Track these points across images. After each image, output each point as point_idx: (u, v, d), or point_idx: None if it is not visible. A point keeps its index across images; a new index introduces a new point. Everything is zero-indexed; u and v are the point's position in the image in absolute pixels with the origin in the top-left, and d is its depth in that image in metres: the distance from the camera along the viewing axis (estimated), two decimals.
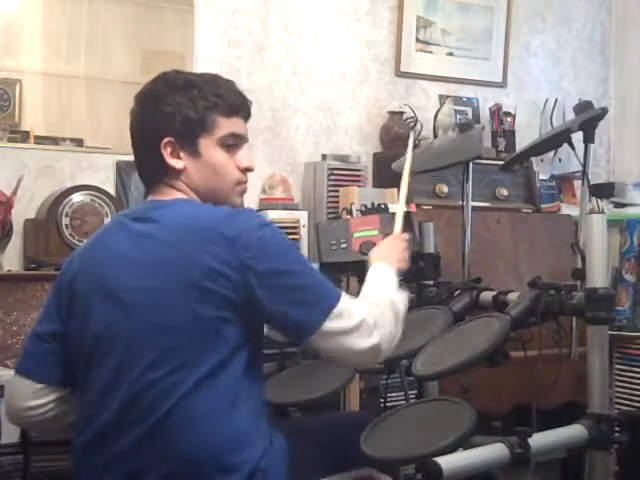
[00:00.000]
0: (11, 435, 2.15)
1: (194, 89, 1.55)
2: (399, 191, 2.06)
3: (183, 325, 1.42)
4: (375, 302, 1.55)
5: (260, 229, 1.46)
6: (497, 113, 3.56)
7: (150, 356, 1.43)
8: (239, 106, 1.59)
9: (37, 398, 1.59)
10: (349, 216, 2.85)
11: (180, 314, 1.43)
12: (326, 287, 1.49)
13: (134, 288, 1.47)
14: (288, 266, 1.46)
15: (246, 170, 1.61)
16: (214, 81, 1.59)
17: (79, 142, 2.87)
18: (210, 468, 1.42)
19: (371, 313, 1.49)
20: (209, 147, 1.55)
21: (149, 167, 1.58)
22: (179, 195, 1.56)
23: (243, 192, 1.63)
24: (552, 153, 3.58)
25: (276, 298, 1.44)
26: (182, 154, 1.54)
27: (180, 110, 1.53)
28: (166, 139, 1.53)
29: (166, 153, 1.53)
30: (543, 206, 3.45)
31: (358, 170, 3.13)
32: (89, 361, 1.51)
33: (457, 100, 3.56)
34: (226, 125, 1.56)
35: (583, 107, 2.24)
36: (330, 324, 1.45)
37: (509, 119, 3.55)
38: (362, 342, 1.46)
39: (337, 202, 3.03)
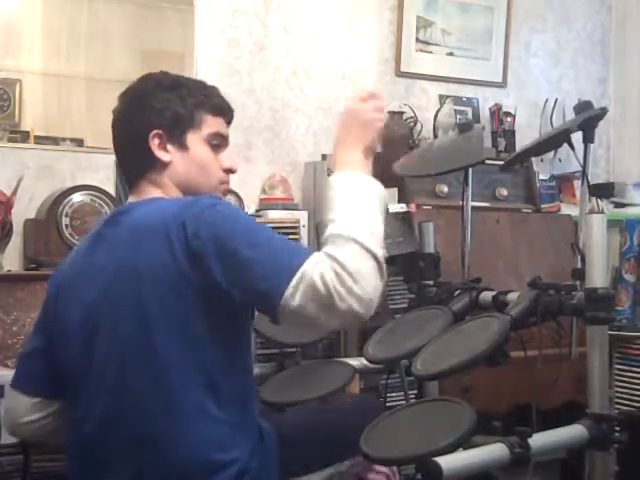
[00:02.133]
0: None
1: (182, 88, 1.58)
2: None
3: (150, 327, 1.41)
4: (345, 248, 1.35)
5: (205, 211, 1.41)
6: (497, 113, 3.56)
7: (126, 359, 1.43)
8: (224, 108, 1.63)
9: (34, 412, 1.61)
10: None
11: (151, 313, 1.41)
12: (286, 253, 1.38)
13: (104, 295, 1.46)
14: (239, 243, 1.38)
15: (228, 171, 1.62)
16: (200, 83, 1.64)
17: (79, 142, 2.87)
18: (198, 467, 1.41)
19: (343, 265, 1.32)
20: (196, 142, 1.57)
21: (134, 162, 1.58)
22: (158, 193, 1.55)
23: (226, 191, 1.65)
24: (552, 153, 3.58)
25: (236, 279, 1.37)
26: (169, 147, 1.55)
27: (169, 106, 1.55)
28: (154, 131, 1.54)
29: (154, 145, 1.54)
30: (543, 206, 3.44)
31: None
32: (73, 370, 1.51)
33: (457, 100, 3.56)
34: (213, 123, 1.59)
35: (583, 107, 2.24)
36: (297, 291, 1.32)
37: (509, 119, 3.55)
38: (339, 302, 1.31)
39: None
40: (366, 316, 1.35)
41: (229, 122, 1.65)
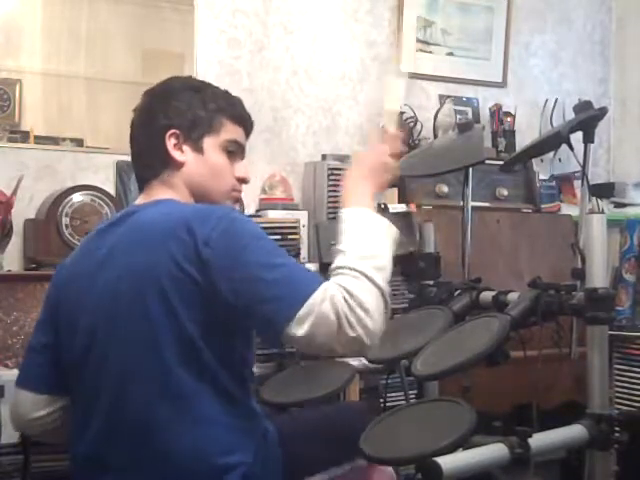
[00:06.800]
0: (11, 435, 2.14)
1: (207, 91, 1.59)
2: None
3: (155, 330, 1.39)
4: (355, 280, 1.37)
5: (221, 221, 1.40)
6: (497, 113, 3.55)
7: (127, 364, 1.42)
8: (246, 118, 1.63)
9: (40, 409, 1.60)
10: None
11: (152, 319, 1.39)
12: (298, 279, 1.37)
13: (107, 296, 1.45)
14: (252, 259, 1.37)
15: (241, 180, 1.62)
16: (225, 92, 1.64)
17: (79, 142, 2.87)
18: (203, 472, 1.40)
19: (353, 295, 1.35)
20: (212, 147, 1.57)
21: (148, 159, 1.57)
22: (168, 194, 1.55)
23: (236, 199, 1.64)
24: (552, 153, 3.58)
25: (242, 294, 1.36)
26: (185, 148, 1.55)
27: (190, 107, 1.56)
28: (172, 130, 1.54)
29: (170, 144, 1.54)
30: (543, 206, 3.44)
31: None
32: (77, 371, 1.51)
33: (457, 100, 3.55)
34: (231, 130, 1.59)
35: (583, 107, 2.24)
36: (306, 319, 1.32)
37: (509, 119, 3.55)
38: (349, 330, 1.33)
39: (337, 202, 3.03)
40: (370, 347, 1.37)
41: (248, 134, 1.65)
